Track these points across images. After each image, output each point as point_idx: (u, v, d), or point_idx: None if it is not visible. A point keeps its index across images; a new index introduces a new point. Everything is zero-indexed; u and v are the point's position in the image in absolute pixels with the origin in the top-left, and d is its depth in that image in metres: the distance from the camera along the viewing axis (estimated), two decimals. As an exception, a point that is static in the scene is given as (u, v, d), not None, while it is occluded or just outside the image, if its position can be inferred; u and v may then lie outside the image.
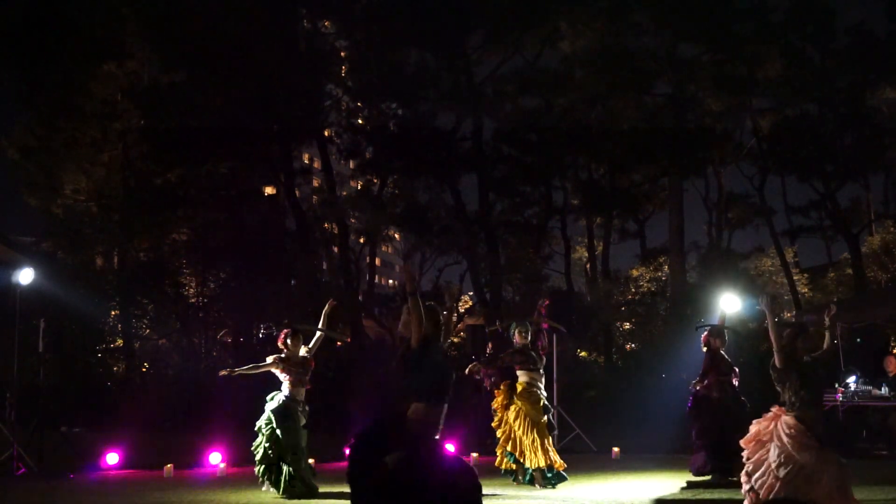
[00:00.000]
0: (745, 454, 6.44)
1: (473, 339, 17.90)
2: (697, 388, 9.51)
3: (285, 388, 8.36)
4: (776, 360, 6.32)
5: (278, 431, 8.17)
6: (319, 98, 24.81)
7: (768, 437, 6.27)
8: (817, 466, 6.00)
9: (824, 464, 6.02)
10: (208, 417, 13.26)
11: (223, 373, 8.67)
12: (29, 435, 10.39)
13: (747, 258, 30.63)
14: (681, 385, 9.98)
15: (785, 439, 6.12)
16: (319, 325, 8.78)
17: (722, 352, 9.51)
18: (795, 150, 25.85)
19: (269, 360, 8.45)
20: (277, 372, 8.39)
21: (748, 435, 6.46)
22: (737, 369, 9.59)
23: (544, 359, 9.41)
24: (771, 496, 6.05)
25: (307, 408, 8.45)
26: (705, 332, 9.71)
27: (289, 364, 8.37)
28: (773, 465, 6.11)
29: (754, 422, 6.48)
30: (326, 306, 8.88)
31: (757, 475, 6.23)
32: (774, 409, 6.36)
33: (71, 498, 8.69)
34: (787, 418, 6.18)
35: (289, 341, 8.46)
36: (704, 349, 9.56)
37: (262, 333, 8.62)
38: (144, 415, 13.94)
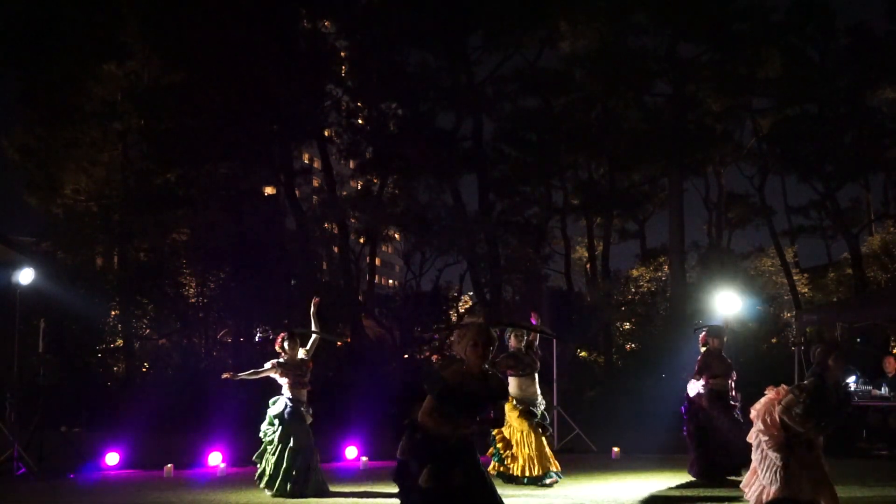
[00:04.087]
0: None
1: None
2: (689, 383, 9.54)
3: (286, 391, 8.36)
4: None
5: (289, 433, 8.15)
6: (319, 98, 24.80)
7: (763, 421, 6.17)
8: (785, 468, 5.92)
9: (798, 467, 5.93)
10: (208, 417, 13.24)
11: (226, 375, 8.63)
12: (29, 435, 10.38)
13: (747, 258, 30.64)
14: (681, 385, 9.99)
15: (760, 426, 6.07)
16: (312, 328, 8.78)
17: (722, 352, 9.51)
18: (795, 150, 25.85)
19: (268, 364, 8.43)
20: (276, 376, 8.38)
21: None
22: (734, 372, 9.59)
23: (538, 363, 9.42)
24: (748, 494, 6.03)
25: (311, 409, 8.45)
26: (703, 332, 9.71)
27: (286, 367, 8.36)
28: (756, 459, 6.08)
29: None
30: (311, 306, 8.85)
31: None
32: (782, 389, 6.14)
33: (71, 498, 8.69)
34: (777, 412, 6.04)
35: (286, 344, 8.44)
36: (703, 349, 9.56)
37: (259, 337, 8.59)
38: (144, 415, 13.90)
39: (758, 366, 15.50)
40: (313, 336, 8.70)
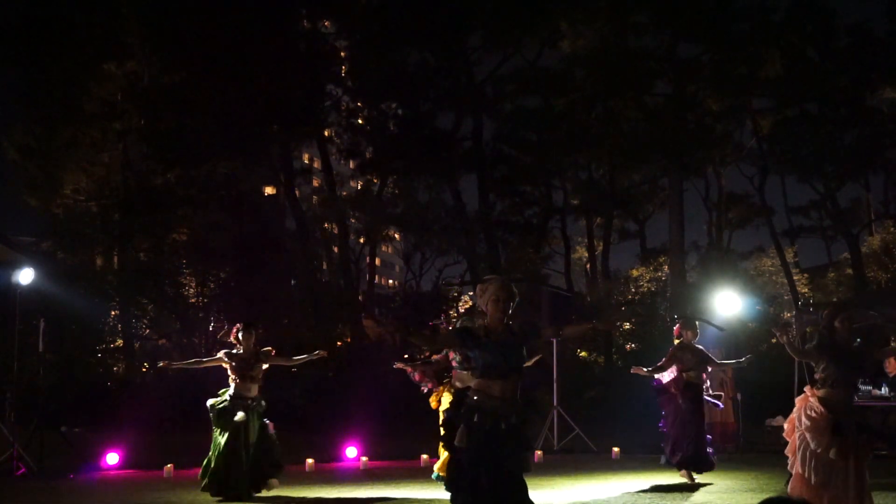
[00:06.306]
0: (785, 435, 6.38)
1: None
2: (654, 377, 9.58)
3: (231, 383, 8.22)
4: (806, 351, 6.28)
5: (221, 433, 8.07)
6: (319, 98, 24.81)
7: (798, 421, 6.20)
8: (831, 462, 5.89)
9: (840, 459, 5.91)
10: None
11: (162, 364, 8.66)
12: (29, 435, 10.38)
13: (747, 258, 30.64)
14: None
15: (805, 421, 6.05)
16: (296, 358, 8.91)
17: (695, 344, 9.45)
18: (795, 150, 25.85)
19: (220, 353, 8.31)
20: (226, 366, 8.26)
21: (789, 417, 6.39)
22: (709, 368, 9.60)
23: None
24: (790, 493, 6.01)
25: (263, 403, 8.26)
26: (678, 325, 9.73)
27: (235, 357, 8.20)
28: (798, 457, 6.06)
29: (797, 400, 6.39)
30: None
31: (790, 461, 6.21)
32: (807, 388, 6.23)
33: (71, 498, 8.68)
34: (812, 400, 6.08)
35: (240, 335, 8.29)
36: (676, 341, 9.52)
37: (213, 326, 8.52)
38: (144, 415, 13.89)
39: (758, 366, 15.43)
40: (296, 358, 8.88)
